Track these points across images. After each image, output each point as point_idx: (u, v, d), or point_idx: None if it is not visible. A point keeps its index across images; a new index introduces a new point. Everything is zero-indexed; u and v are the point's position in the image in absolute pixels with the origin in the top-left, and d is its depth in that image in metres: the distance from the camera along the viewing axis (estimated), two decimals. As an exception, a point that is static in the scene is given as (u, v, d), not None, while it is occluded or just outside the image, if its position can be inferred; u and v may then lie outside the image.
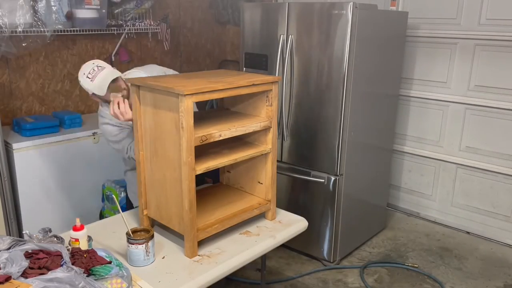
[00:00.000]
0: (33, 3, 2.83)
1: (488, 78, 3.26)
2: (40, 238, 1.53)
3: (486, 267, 3.07)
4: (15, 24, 2.72)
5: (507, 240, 3.36)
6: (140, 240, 1.68)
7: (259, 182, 2.11)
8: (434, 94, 3.53)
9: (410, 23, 3.35)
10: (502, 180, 3.32)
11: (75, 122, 2.98)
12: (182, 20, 3.88)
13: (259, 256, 1.94)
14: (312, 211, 3.01)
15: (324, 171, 2.91)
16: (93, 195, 3.01)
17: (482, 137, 3.36)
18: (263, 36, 3.04)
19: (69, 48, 3.23)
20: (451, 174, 3.57)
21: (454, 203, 3.61)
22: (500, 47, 3.16)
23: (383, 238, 3.45)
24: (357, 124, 2.88)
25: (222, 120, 1.96)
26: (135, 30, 3.47)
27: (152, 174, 1.89)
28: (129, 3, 3.39)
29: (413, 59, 3.58)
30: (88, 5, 3.01)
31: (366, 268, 3.02)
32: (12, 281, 1.25)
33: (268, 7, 3.04)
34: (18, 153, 2.63)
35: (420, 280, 2.91)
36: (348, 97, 2.75)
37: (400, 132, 3.75)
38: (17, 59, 2.98)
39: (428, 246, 3.34)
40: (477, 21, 3.23)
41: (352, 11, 2.59)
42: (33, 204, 2.75)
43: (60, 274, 1.28)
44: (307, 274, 2.94)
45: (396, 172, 3.85)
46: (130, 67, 3.62)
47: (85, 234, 1.68)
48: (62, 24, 2.97)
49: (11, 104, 3.02)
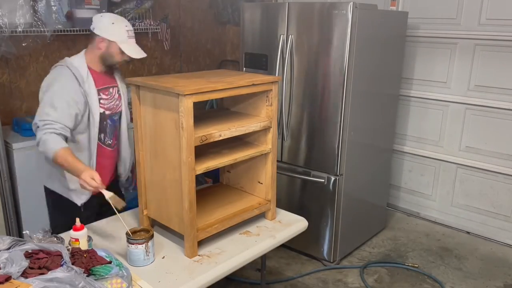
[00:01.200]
0: (33, 3, 2.83)
1: (488, 78, 3.25)
2: (40, 238, 1.53)
3: (486, 267, 3.07)
4: (15, 24, 2.72)
5: (507, 240, 3.36)
6: (140, 240, 1.68)
7: (259, 182, 2.11)
8: (434, 94, 3.53)
9: (410, 23, 3.35)
10: (502, 180, 3.32)
11: (75, 122, 2.97)
12: (182, 20, 3.87)
13: (259, 256, 1.94)
14: (312, 211, 3.01)
15: (324, 171, 2.91)
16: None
17: (482, 137, 3.36)
18: (263, 36, 3.04)
19: (69, 48, 3.23)
20: (451, 174, 3.57)
21: (454, 203, 3.61)
22: (500, 47, 3.16)
23: (383, 238, 3.45)
24: (357, 124, 2.88)
25: (222, 120, 1.96)
26: (135, 30, 3.44)
27: (152, 174, 1.89)
28: (129, 3, 3.38)
29: (413, 59, 3.58)
30: (88, 5, 3.01)
31: (366, 268, 3.02)
32: (12, 281, 1.25)
33: (268, 7, 3.04)
34: (18, 153, 2.63)
35: (420, 280, 2.91)
36: (348, 97, 2.75)
37: (400, 132, 3.74)
38: (17, 59, 2.98)
39: (428, 246, 3.34)
40: (477, 21, 3.23)
41: (352, 11, 2.59)
42: (33, 204, 2.74)
43: (60, 274, 1.28)
44: (307, 274, 2.94)
45: (396, 172, 3.84)
46: (130, 67, 3.64)
47: (85, 234, 1.68)
48: (62, 24, 2.96)
49: (11, 104, 3.02)
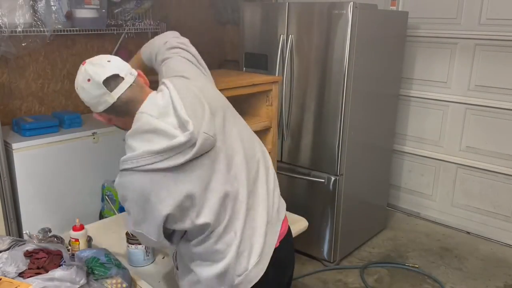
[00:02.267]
0: (33, 3, 2.82)
1: (488, 78, 3.25)
2: (40, 238, 1.53)
3: (486, 267, 3.07)
4: (14, 24, 2.72)
5: (507, 240, 3.36)
6: (140, 240, 1.68)
7: (259, 182, 2.11)
8: (434, 94, 3.53)
9: (410, 23, 3.35)
10: (502, 180, 3.32)
11: (75, 122, 2.97)
12: (182, 20, 3.87)
13: (259, 256, 1.93)
14: (312, 211, 3.01)
15: (324, 171, 2.91)
16: (93, 195, 3.01)
17: (482, 137, 3.36)
18: (263, 36, 3.04)
19: (68, 48, 3.23)
20: (451, 174, 3.57)
21: (454, 203, 3.61)
22: (500, 47, 3.15)
23: (383, 238, 3.45)
24: (357, 124, 2.88)
25: (222, 120, 1.96)
26: (135, 30, 3.46)
27: (152, 174, 1.88)
28: (129, 3, 3.38)
29: (413, 59, 3.57)
30: (88, 5, 3.01)
31: (366, 268, 3.02)
32: (12, 281, 1.24)
33: (268, 7, 3.04)
34: (17, 153, 2.63)
35: (420, 280, 2.91)
36: (348, 97, 2.74)
37: (400, 132, 3.74)
38: (17, 59, 2.97)
39: (428, 246, 3.34)
40: (477, 21, 3.23)
41: (352, 11, 2.59)
42: (33, 204, 2.74)
43: (60, 273, 1.28)
44: (307, 275, 2.94)
45: (396, 172, 3.84)
46: (130, 67, 3.64)
47: (84, 234, 1.68)
48: (61, 24, 2.96)
49: (10, 104, 3.02)
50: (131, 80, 1.30)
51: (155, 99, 1.30)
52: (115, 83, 1.27)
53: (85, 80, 1.27)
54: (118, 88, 1.27)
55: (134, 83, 1.31)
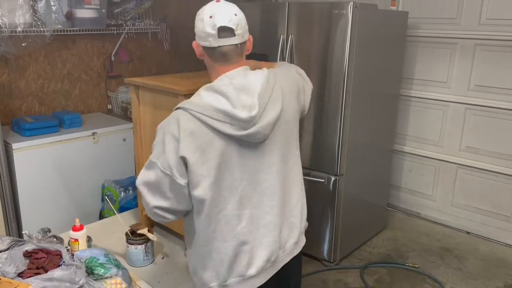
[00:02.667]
0: (33, 3, 2.83)
1: (488, 78, 3.25)
2: (39, 238, 1.53)
3: (486, 267, 3.07)
4: (14, 24, 2.72)
5: (507, 240, 3.36)
6: (139, 241, 1.68)
7: (259, 182, 2.10)
8: (434, 94, 3.53)
9: (410, 23, 3.35)
10: (502, 180, 3.32)
11: (75, 122, 2.97)
12: (182, 20, 3.87)
13: (259, 256, 1.93)
14: (312, 211, 3.01)
15: (324, 171, 2.91)
16: (92, 195, 3.01)
17: (483, 137, 3.36)
18: (263, 36, 3.04)
19: (68, 48, 3.23)
20: (451, 174, 3.57)
21: (454, 203, 3.61)
22: (500, 47, 3.15)
23: (383, 238, 3.45)
24: (357, 124, 2.87)
25: (222, 120, 1.95)
26: (135, 30, 3.46)
27: (151, 174, 1.88)
28: (129, 3, 3.38)
29: (413, 59, 3.57)
30: (88, 5, 3.01)
31: (366, 268, 3.02)
32: (11, 281, 1.24)
33: (268, 7, 3.04)
34: (17, 153, 2.63)
35: (420, 280, 2.91)
36: (348, 97, 2.74)
37: (400, 132, 3.74)
38: (17, 59, 2.98)
39: (428, 246, 3.34)
40: (477, 21, 3.23)
41: (352, 11, 2.59)
42: (33, 204, 2.74)
43: (60, 273, 1.28)
44: (307, 275, 2.94)
45: (396, 172, 3.84)
46: (130, 67, 3.64)
47: (84, 234, 1.68)
48: (61, 24, 2.96)
49: (10, 104, 3.02)
50: (239, 41, 1.37)
51: (246, 74, 1.37)
52: (226, 34, 1.34)
53: (209, 14, 1.34)
54: (225, 39, 1.34)
55: (240, 45, 1.38)
